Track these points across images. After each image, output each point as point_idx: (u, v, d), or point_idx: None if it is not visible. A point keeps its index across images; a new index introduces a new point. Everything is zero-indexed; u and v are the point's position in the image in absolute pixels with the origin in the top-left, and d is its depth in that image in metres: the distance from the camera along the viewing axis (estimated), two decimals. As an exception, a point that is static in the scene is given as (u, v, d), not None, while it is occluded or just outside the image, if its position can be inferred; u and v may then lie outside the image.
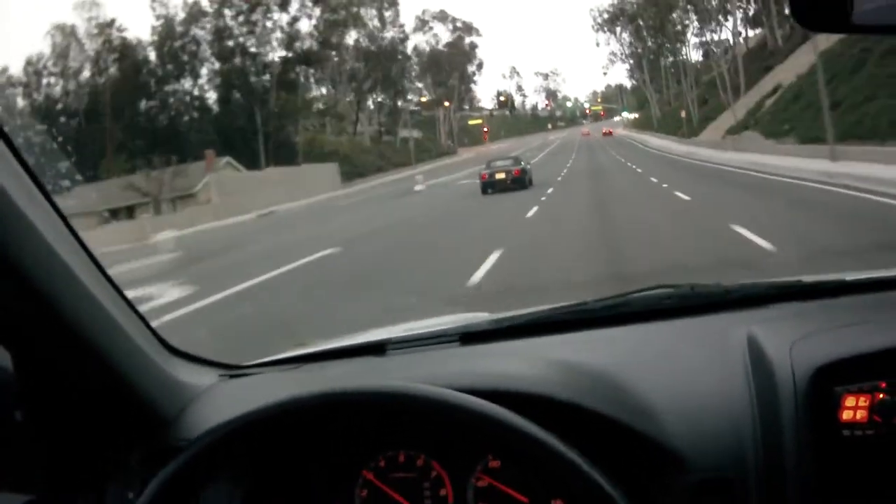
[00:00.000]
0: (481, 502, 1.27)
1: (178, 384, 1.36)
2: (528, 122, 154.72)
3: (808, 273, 1.60)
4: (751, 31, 58.57)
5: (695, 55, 72.92)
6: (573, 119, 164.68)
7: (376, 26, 71.62)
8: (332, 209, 31.33)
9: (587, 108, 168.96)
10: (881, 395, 1.10)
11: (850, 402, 1.11)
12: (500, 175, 26.83)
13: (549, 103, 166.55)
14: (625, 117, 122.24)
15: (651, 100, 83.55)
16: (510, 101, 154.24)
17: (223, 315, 8.78)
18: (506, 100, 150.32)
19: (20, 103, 54.23)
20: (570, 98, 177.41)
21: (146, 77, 57.56)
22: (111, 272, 1.22)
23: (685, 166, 29.89)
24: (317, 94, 62.28)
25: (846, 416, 1.10)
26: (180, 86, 58.76)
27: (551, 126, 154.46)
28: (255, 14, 58.34)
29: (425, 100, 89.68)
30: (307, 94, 60.49)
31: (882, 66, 24.22)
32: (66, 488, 1.26)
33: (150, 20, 62.41)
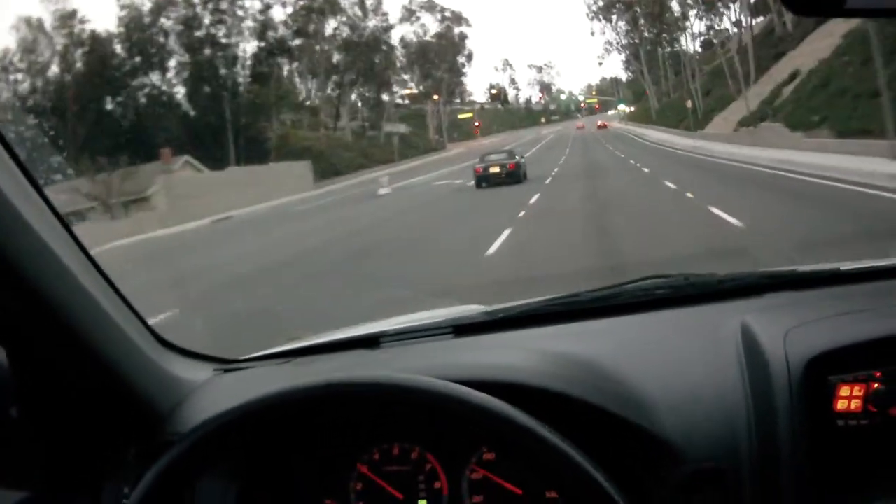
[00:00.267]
0: (476, 495, 1.28)
1: (174, 379, 1.37)
2: (521, 116, 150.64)
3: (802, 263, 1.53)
4: (753, 20, 54.53)
5: (693, 45, 68.66)
6: (568, 112, 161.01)
7: (357, 15, 67.20)
8: (287, 216, 27.18)
9: (582, 101, 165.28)
10: (876, 385, 1.11)
11: (845, 391, 1.11)
12: (495, 169, 26.37)
13: (542, 96, 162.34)
14: (621, 110, 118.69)
15: (649, 91, 79.32)
16: (503, 95, 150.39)
17: None
18: (498, 93, 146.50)
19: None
20: (565, 91, 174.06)
21: (111, 71, 53.31)
22: None
23: (700, 165, 25.41)
24: (291, 87, 57.60)
25: (840, 405, 1.11)
26: (147, 80, 54.58)
27: (545, 120, 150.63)
28: (224, 1, 53.96)
29: (410, 92, 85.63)
30: (282, 88, 55.97)
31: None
32: (62, 485, 1.27)
33: (116, 10, 58.30)
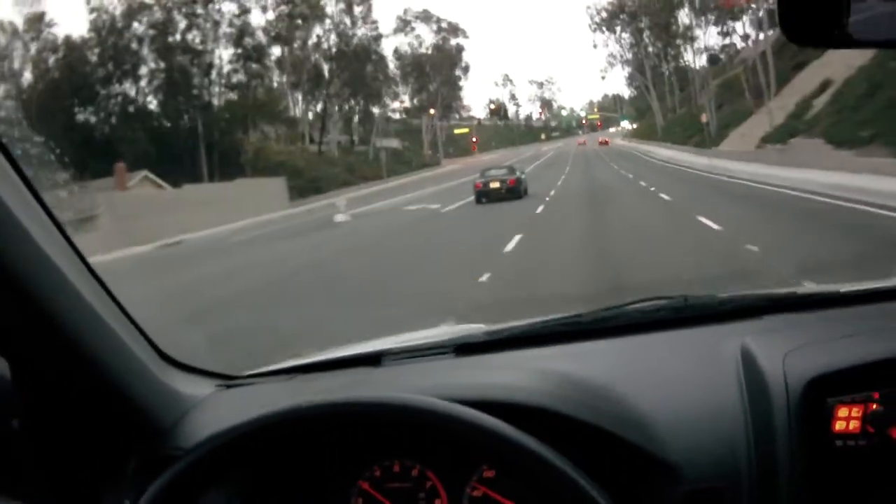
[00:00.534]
0: None
1: (175, 394, 1.36)
2: (521, 132, 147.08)
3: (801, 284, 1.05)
4: (769, 30, 50.55)
5: (700, 61, 64.46)
6: (569, 129, 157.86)
7: (345, 23, 63.18)
8: (233, 245, 22.79)
9: (583, 117, 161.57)
10: (874, 406, 1.11)
11: (843, 412, 1.11)
12: (495, 184, 26.09)
13: (543, 112, 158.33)
14: (623, 127, 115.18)
15: (654, 106, 75.25)
16: (502, 110, 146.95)
17: None
18: (496, 108, 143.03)
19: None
20: (566, 107, 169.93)
21: (80, 79, 49.26)
22: None
23: (732, 192, 19.73)
24: (270, 98, 53.37)
25: (839, 426, 1.11)
26: (118, 88, 50.44)
27: (545, 136, 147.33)
28: (198, 3, 49.88)
29: (399, 105, 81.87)
30: (258, 99, 51.80)
31: None
32: (63, 497, 1.26)
33: (86, 14, 54.20)
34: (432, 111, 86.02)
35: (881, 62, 23.42)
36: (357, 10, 63.56)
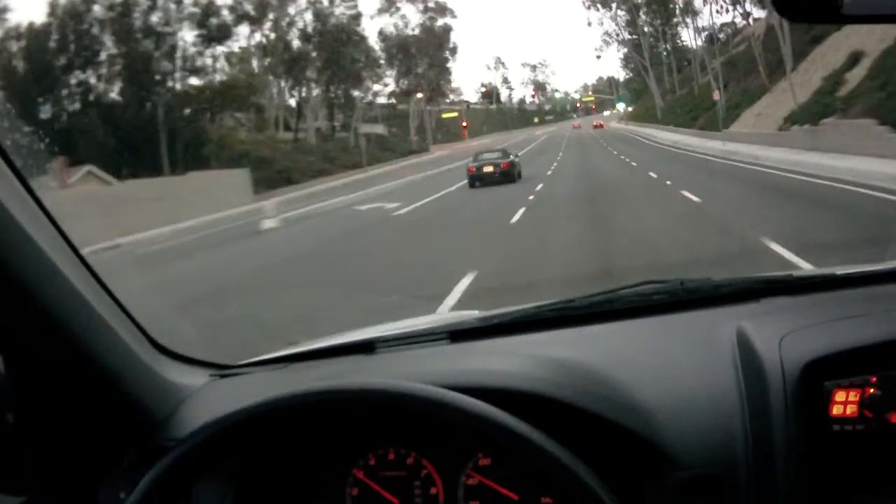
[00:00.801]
0: (472, 500, 1.27)
1: (169, 384, 1.35)
2: (514, 117, 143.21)
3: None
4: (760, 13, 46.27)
5: (699, 41, 60.37)
6: (563, 113, 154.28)
7: (321, 1, 58.79)
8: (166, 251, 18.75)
9: (578, 101, 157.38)
10: (872, 390, 1.09)
11: (841, 396, 1.10)
12: (489, 168, 26.65)
13: (536, 96, 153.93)
14: (619, 109, 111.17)
15: (652, 87, 71.09)
16: (494, 93, 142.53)
17: None
18: (488, 91, 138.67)
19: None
20: (560, 91, 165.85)
21: (38, 68, 44.88)
22: None
23: (779, 188, 14.96)
24: (237, 82, 49.07)
25: (836, 410, 1.10)
26: (77, 77, 46.07)
27: (538, 120, 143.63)
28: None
29: (383, 88, 77.76)
30: (225, 82, 47.53)
31: None
32: (58, 490, 1.26)
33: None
34: (419, 95, 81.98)
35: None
36: (334, -14, 59.24)
